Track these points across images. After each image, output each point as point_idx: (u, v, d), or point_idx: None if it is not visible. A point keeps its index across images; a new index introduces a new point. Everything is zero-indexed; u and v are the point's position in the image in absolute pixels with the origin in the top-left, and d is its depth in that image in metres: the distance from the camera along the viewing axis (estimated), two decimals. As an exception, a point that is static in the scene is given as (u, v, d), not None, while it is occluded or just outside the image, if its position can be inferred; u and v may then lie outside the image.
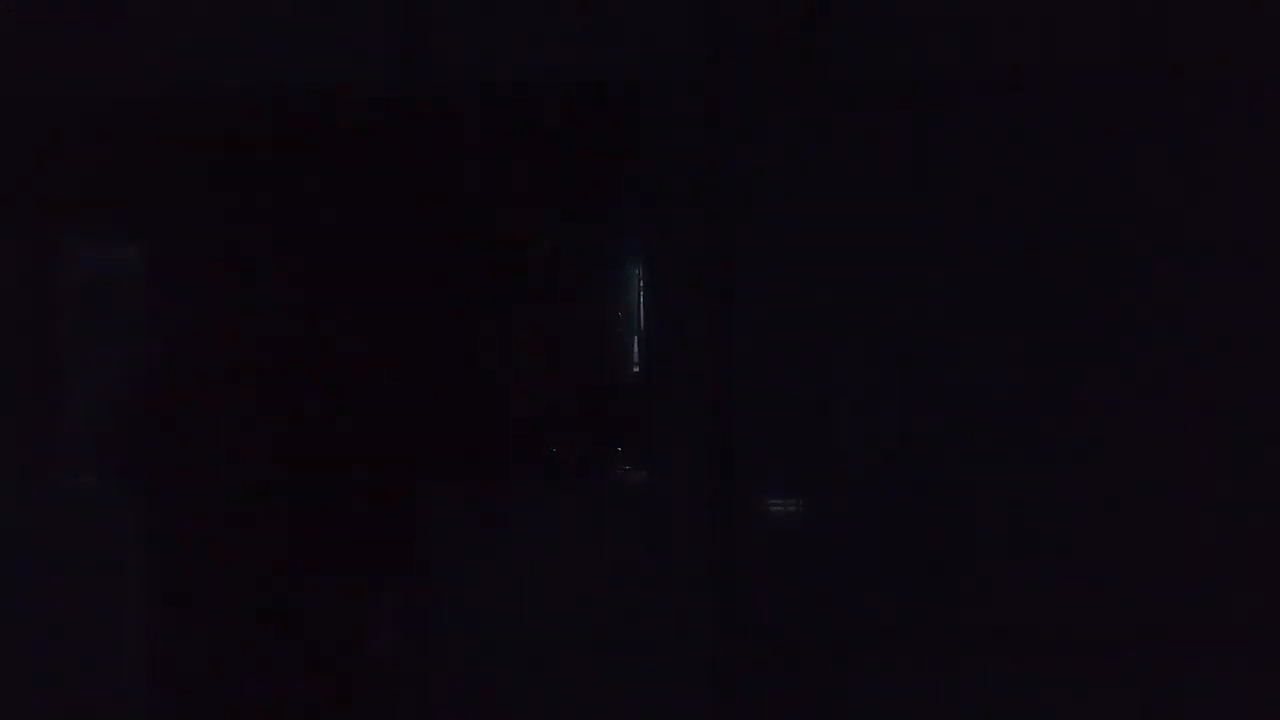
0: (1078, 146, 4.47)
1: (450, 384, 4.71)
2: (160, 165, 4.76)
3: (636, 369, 4.60)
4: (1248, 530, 4.43)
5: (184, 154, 4.76)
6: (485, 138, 4.68)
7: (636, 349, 4.61)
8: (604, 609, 4.41)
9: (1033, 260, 4.48)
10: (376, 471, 4.73)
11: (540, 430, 4.62)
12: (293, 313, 4.78)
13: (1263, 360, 4.43)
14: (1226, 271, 4.44)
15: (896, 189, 4.49)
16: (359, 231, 4.73)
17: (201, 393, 4.69)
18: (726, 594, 4.49)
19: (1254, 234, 4.44)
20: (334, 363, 4.79)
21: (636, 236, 4.60)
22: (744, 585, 4.48)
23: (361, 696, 2.76)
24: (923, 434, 4.41)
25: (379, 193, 4.71)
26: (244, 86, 4.72)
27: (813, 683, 4.47)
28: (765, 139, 4.43)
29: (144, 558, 2.89)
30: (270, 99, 4.73)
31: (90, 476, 4.88)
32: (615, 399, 4.60)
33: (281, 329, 4.79)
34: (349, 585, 2.88)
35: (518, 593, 4.52)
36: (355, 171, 4.72)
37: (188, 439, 2.87)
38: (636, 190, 4.59)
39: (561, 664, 4.54)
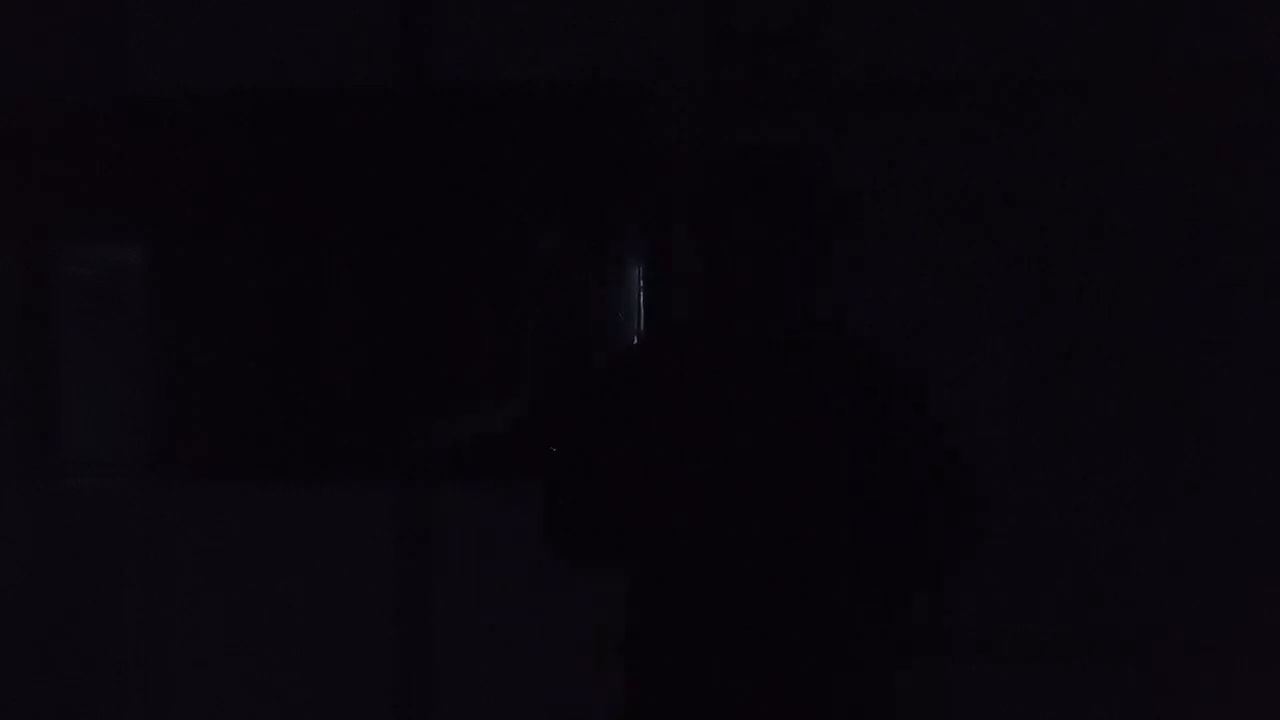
0: (1083, 146, 4.47)
1: (449, 383, 4.71)
2: (159, 165, 4.76)
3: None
4: (1253, 531, 4.43)
5: (181, 154, 4.75)
6: (485, 138, 4.68)
7: (636, 349, 4.60)
8: (602, 608, 4.40)
9: (1034, 260, 4.48)
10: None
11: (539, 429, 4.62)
12: (290, 313, 4.78)
13: (1267, 359, 4.43)
14: (1231, 271, 4.44)
15: (897, 188, 4.48)
16: (356, 231, 4.73)
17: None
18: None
19: (1262, 233, 4.44)
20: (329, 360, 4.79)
21: (636, 236, 4.60)
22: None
23: None
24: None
25: (377, 193, 4.71)
26: (241, 86, 4.72)
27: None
28: (764, 138, 4.42)
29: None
30: (268, 99, 4.73)
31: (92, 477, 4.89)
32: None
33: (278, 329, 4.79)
34: None
35: (514, 593, 4.52)
36: (354, 172, 4.72)
37: None
38: (636, 190, 4.58)
39: (554, 664, 4.54)
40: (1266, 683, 4.36)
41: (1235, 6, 4.40)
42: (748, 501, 2.67)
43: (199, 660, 4.79)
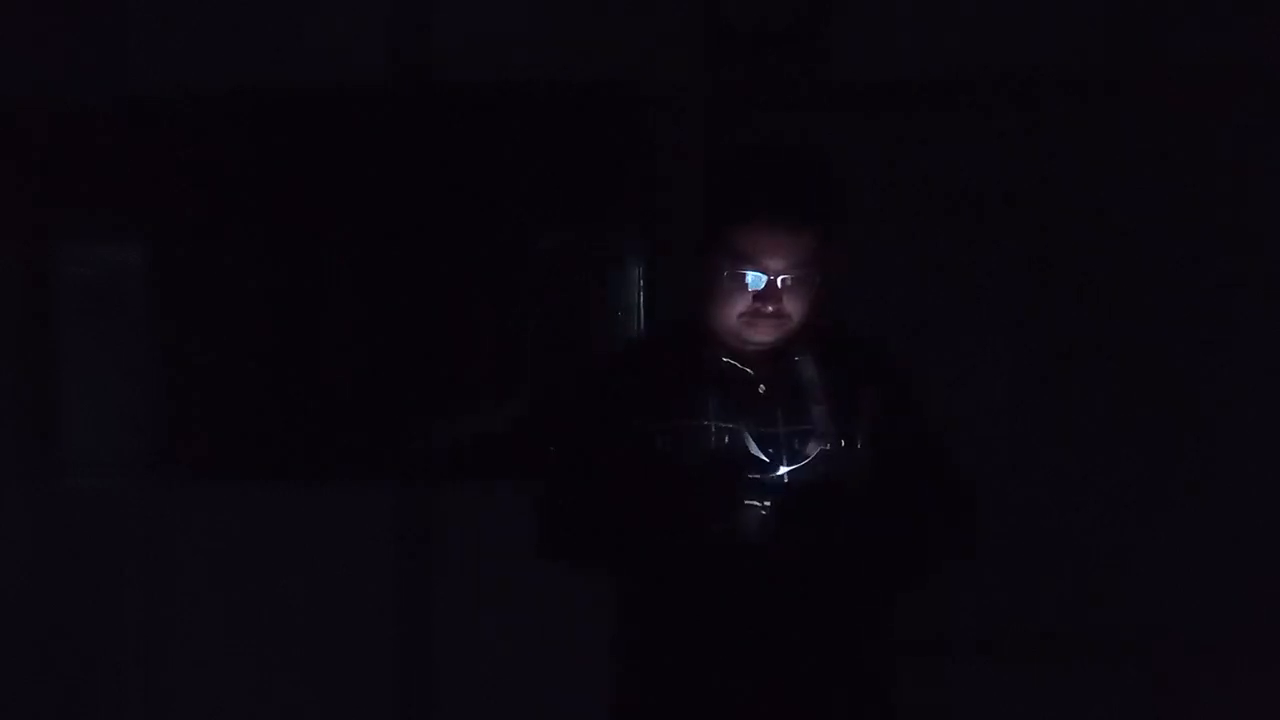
0: (1084, 146, 4.48)
1: (449, 383, 4.71)
2: (159, 165, 4.76)
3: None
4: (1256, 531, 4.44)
5: (180, 153, 4.75)
6: (485, 138, 4.68)
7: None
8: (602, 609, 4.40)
9: (1034, 260, 4.48)
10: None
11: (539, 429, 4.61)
12: (290, 313, 4.78)
13: (1269, 357, 4.43)
14: (1231, 271, 4.44)
15: (897, 188, 4.48)
16: (356, 231, 4.73)
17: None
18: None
19: (1262, 233, 4.44)
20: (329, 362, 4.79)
21: (636, 236, 4.60)
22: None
23: None
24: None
25: (377, 193, 4.71)
26: (241, 86, 4.72)
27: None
28: (766, 138, 4.42)
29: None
30: (268, 99, 4.73)
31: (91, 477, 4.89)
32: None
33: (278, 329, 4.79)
34: None
35: (514, 595, 4.52)
36: (354, 172, 4.72)
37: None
38: (636, 190, 4.58)
39: (552, 666, 4.54)
40: (1266, 683, 4.36)
41: (1235, 6, 4.40)
42: (746, 501, 2.67)
43: (199, 660, 4.79)
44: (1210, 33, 4.40)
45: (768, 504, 2.64)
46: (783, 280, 2.71)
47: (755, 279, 2.70)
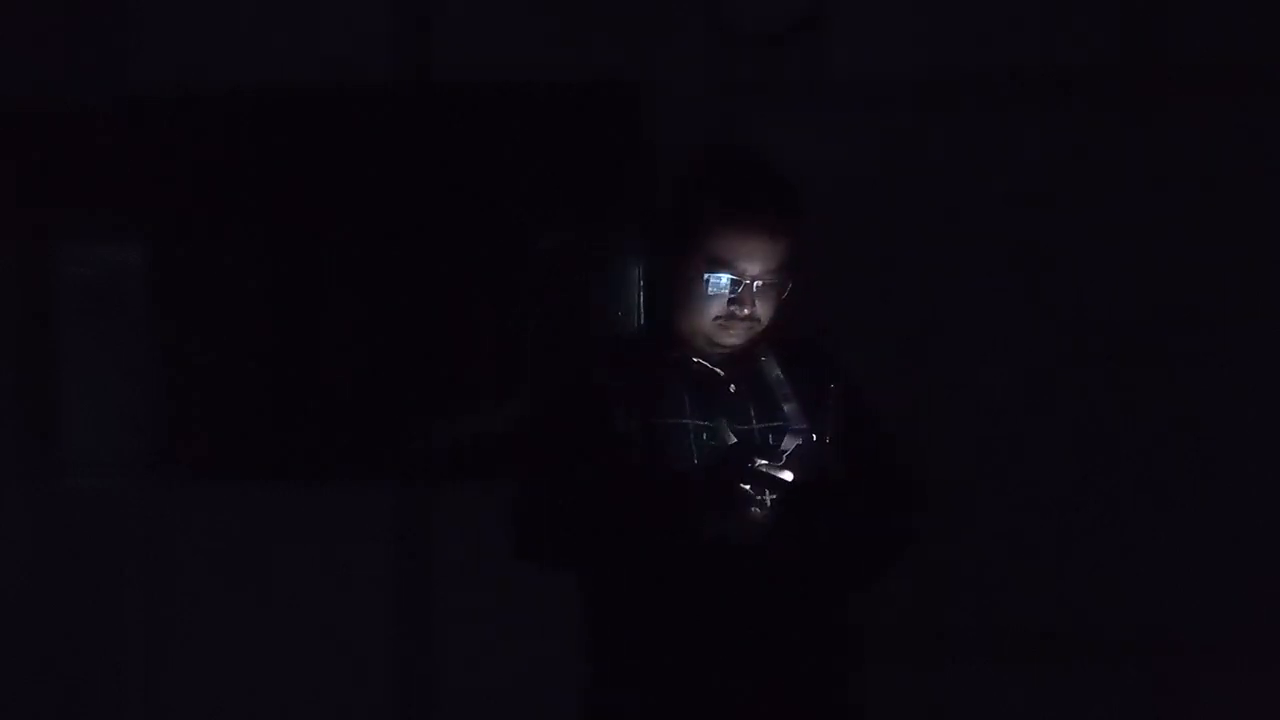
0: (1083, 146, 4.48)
1: (449, 383, 4.71)
2: (159, 165, 4.76)
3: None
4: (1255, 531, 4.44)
5: (180, 153, 4.76)
6: (485, 138, 4.68)
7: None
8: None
9: (1034, 260, 4.48)
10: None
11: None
12: (289, 313, 4.78)
13: (1269, 357, 4.43)
14: (1232, 271, 4.44)
15: (898, 188, 4.49)
16: (356, 231, 4.73)
17: None
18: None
19: (1262, 233, 4.44)
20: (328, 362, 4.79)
21: (636, 236, 4.60)
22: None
23: None
24: (922, 435, 4.42)
25: (377, 193, 4.71)
26: (241, 86, 4.72)
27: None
28: (765, 138, 4.43)
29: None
30: (268, 99, 4.73)
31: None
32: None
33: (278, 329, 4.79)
34: None
35: (514, 595, 4.52)
36: (354, 172, 4.72)
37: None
38: (636, 190, 4.59)
39: (552, 666, 4.54)
40: (1266, 683, 4.36)
41: (1235, 6, 4.40)
42: (730, 503, 2.67)
43: (199, 660, 4.79)
44: (1210, 33, 4.40)
45: (760, 499, 2.66)
46: (757, 284, 2.73)
47: (731, 283, 2.73)
